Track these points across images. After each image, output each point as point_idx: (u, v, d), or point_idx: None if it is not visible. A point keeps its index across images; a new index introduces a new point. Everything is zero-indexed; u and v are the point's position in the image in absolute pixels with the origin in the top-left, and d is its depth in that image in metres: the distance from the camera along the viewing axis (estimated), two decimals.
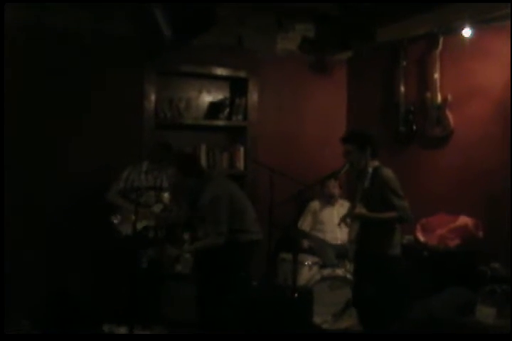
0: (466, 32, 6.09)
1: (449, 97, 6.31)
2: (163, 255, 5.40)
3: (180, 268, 6.07)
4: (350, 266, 6.26)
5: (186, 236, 6.24)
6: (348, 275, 6.16)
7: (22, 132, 6.09)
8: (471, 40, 6.10)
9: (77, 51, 6.30)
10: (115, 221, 6.00)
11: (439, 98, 6.38)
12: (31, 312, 5.78)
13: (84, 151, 6.34)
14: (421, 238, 6.12)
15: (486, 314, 4.87)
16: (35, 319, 5.68)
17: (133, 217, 5.31)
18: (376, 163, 5.11)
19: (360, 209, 5.03)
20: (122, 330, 5.67)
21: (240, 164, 7.19)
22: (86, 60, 6.34)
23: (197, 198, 5.30)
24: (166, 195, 6.08)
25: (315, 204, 7.05)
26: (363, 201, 5.05)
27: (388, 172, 5.04)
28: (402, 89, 6.84)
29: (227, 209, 5.16)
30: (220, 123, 7.11)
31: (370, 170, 5.09)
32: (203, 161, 6.91)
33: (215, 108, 7.16)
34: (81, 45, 6.32)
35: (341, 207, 6.83)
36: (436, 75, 6.41)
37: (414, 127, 6.73)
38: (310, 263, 6.48)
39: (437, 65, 6.40)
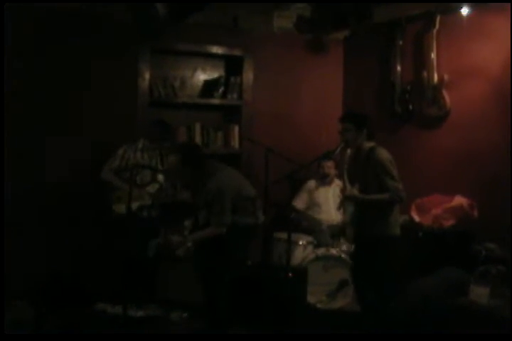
0: (464, 11, 6.05)
1: (446, 77, 6.28)
2: (167, 244, 5.38)
3: (181, 253, 6.06)
4: (344, 246, 6.26)
5: (187, 223, 6.24)
6: (343, 255, 6.16)
7: (19, 111, 6.07)
8: (469, 19, 6.06)
9: (72, 29, 6.26)
10: (110, 199, 5.99)
11: (436, 78, 6.35)
12: (26, 292, 5.78)
13: (78, 129, 6.32)
14: (416, 218, 6.12)
15: (479, 294, 4.88)
16: (30, 298, 5.67)
17: (127, 196, 5.28)
18: (372, 144, 5.09)
19: (352, 191, 5.03)
20: (116, 310, 5.68)
21: (235, 143, 7.16)
22: (80, 38, 6.30)
23: (199, 190, 5.26)
24: (160, 176, 6.05)
25: (311, 184, 7.04)
26: (360, 182, 5.04)
27: (383, 153, 5.02)
28: (399, 68, 6.81)
29: (230, 200, 5.14)
30: (215, 101, 7.07)
31: (365, 150, 5.08)
32: (198, 140, 6.89)
33: (209, 86, 7.12)
34: (76, 23, 6.27)
35: (337, 188, 6.80)
36: (433, 55, 6.37)
37: (411, 107, 6.70)
38: (304, 242, 6.48)
39: (434, 45, 6.36)
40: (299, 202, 6.97)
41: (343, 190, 5.24)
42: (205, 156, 5.35)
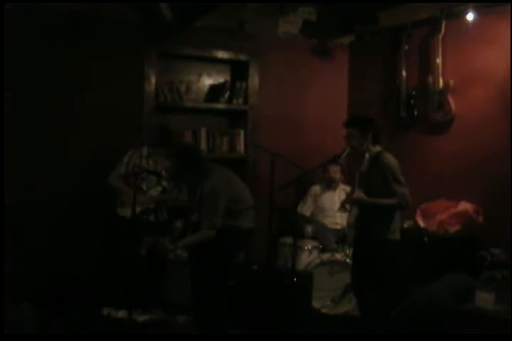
0: (469, 16, 6.05)
1: (451, 82, 6.28)
2: (158, 248, 5.41)
3: (173, 257, 6.08)
4: (349, 251, 6.26)
5: (178, 224, 6.24)
6: (348, 260, 6.16)
7: (23, 117, 6.08)
8: (474, 24, 6.06)
9: (79, 33, 6.27)
10: (114, 204, 6.00)
11: (441, 83, 6.35)
12: (31, 295, 5.78)
13: (84, 134, 6.32)
14: (421, 223, 6.12)
15: (485, 299, 4.88)
16: (34, 301, 5.66)
17: (131, 200, 5.28)
18: (378, 148, 5.10)
19: (359, 194, 5.04)
20: (121, 314, 5.68)
21: (241, 148, 7.15)
22: (87, 42, 6.31)
23: (195, 190, 5.27)
24: (164, 181, 6.07)
25: (316, 189, 7.04)
26: (364, 186, 5.04)
27: (390, 158, 5.03)
28: (404, 73, 6.81)
29: (224, 202, 5.14)
30: (221, 106, 7.07)
31: (371, 155, 5.09)
32: (203, 145, 6.89)
33: (215, 91, 7.12)
34: (82, 27, 6.28)
35: (342, 192, 6.81)
36: (439, 60, 6.37)
37: (416, 112, 6.71)
38: (310, 247, 6.49)
39: (439, 50, 6.36)
40: (305, 207, 6.98)
41: (349, 193, 5.25)
42: (201, 157, 5.37)
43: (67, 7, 6.11)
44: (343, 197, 6.04)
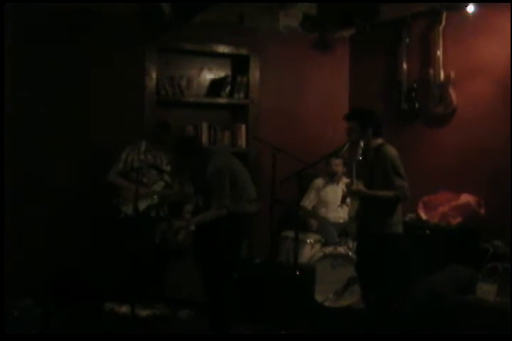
0: (470, 8, 6.03)
1: (452, 74, 6.27)
2: (170, 228, 5.43)
3: (182, 238, 6.05)
4: (352, 244, 6.26)
5: (189, 207, 6.24)
6: (350, 253, 6.16)
7: (23, 115, 6.11)
8: (475, 16, 6.05)
9: (79, 29, 6.27)
10: (117, 200, 6.01)
11: (442, 75, 6.34)
12: (34, 291, 5.79)
13: (85, 129, 6.33)
14: (423, 215, 6.11)
15: (487, 291, 4.87)
16: (38, 297, 5.68)
17: (134, 196, 5.29)
18: (380, 141, 5.07)
19: (358, 186, 5.02)
20: (124, 309, 5.69)
21: (242, 142, 7.16)
22: (87, 38, 6.32)
23: (198, 175, 5.28)
24: (166, 176, 6.07)
25: (318, 182, 7.03)
26: (366, 178, 5.03)
27: (392, 151, 5.01)
28: (405, 66, 6.80)
29: (229, 181, 5.16)
30: (222, 101, 7.09)
31: (373, 147, 5.06)
32: (205, 139, 6.91)
33: (216, 86, 7.13)
34: (82, 23, 6.29)
35: (345, 185, 6.79)
36: (439, 52, 6.36)
37: (417, 105, 6.69)
38: (312, 241, 6.49)
39: (440, 42, 6.35)
40: (307, 201, 6.98)
41: (348, 185, 5.23)
42: (199, 145, 5.39)
43: (69, 3, 6.13)
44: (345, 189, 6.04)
